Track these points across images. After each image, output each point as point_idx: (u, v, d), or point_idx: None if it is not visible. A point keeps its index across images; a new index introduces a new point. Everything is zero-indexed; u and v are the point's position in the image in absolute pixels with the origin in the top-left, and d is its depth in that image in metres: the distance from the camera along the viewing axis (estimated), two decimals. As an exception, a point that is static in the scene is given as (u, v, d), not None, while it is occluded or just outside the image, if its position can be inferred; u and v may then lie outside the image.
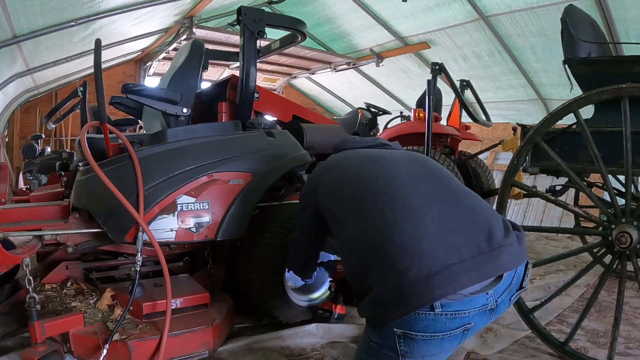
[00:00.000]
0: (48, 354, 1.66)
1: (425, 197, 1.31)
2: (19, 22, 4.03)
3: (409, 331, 1.19)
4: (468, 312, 1.18)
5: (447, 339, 1.21)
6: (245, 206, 2.19)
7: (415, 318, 1.17)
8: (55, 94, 7.87)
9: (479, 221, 1.28)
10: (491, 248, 1.21)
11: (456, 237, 1.22)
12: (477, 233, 1.24)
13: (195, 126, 2.28)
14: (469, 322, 1.20)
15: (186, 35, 5.76)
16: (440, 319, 1.17)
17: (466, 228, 1.25)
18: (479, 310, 1.20)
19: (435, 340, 1.20)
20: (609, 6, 4.66)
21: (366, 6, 6.71)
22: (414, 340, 1.20)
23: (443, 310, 1.16)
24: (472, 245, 1.21)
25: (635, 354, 2.10)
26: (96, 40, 1.96)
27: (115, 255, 2.31)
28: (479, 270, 1.19)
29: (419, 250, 1.19)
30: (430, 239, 1.21)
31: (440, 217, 1.26)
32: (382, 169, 1.44)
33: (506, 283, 1.25)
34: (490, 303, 1.22)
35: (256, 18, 2.28)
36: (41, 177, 4.12)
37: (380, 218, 1.28)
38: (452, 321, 1.18)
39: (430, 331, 1.18)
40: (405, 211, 1.27)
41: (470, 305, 1.19)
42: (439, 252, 1.18)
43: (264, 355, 1.99)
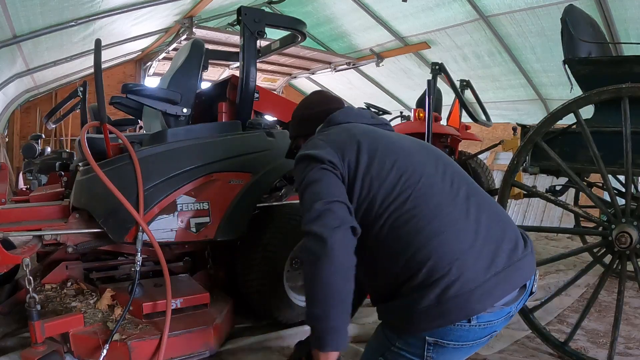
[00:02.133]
0: (48, 354, 1.66)
1: (464, 202, 1.28)
2: (19, 22, 4.03)
3: (442, 340, 1.21)
4: (497, 321, 1.23)
5: (475, 346, 1.25)
6: (245, 206, 2.19)
7: (451, 329, 1.19)
8: (55, 94, 7.88)
9: (507, 230, 1.28)
10: (518, 258, 1.23)
11: (491, 247, 1.22)
12: (506, 242, 1.25)
13: (195, 126, 2.28)
14: (496, 330, 1.25)
15: (186, 35, 5.77)
16: (474, 329, 1.20)
17: (498, 237, 1.25)
18: (504, 318, 1.25)
19: (465, 348, 1.24)
20: (609, 6, 4.67)
21: (366, 6, 6.71)
22: (445, 348, 1.22)
23: (478, 321, 1.19)
24: (504, 255, 1.22)
25: (635, 354, 2.10)
26: (96, 40, 1.96)
27: (115, 255, 2.31)
28: (510, 282, 1.22)
29: (464, 263, 1.18)
30: (472, 250, 1.20)
31: (477, 226, 1.24)
32: (408, 163, 1.31)
33: (528, 291, 1.29)
34: (513, 311, 1.27)
35: (256, 18, 2.28)
36: (41, 177, 4.12)
37: (424, 225, 1.22)
38: (483, 330, 1.22)
39: (463, 340, 1.22)
40: (449, 221, 1.24)
41: (500, 315, 1.23)
42: (479, 264, 1.19)
43: (264, 355, 1.99)
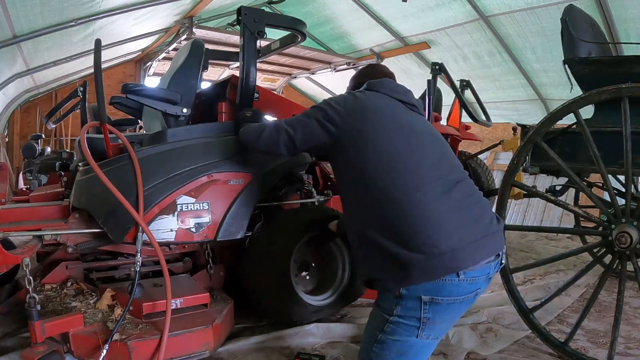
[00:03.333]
0: (48, 354, 1.66)
1: (451, 183, 1.49)
2: (19, 22, 4.03)
3: (437, 296, 1.37)
4: (480, 279, 1.42)
5: (464, 302, 1.42)
6: (245, 206, 2.19)
7: (442, 285, 1.36)
8: (55, 94, 7.88)
9: (486, 210, 1.51)
10: (492, 231, 1.45)
11: (472, 220, 1.44)
12: (484, 218, 1.47)
13: (195, 126, 2.28)
14: (479, 287, 1.43)
15: (186, 35, 5.76)
16: (462, 284, 1.38)
17: (478, 213, 1.47)
18: (485, 278, 1.44)
19: (456, 303, 1.40)
20: (609, 6, 4.67)
21: (366, 6, 6.71)
22: (439, 305, 1.38)
23: (465, 276, 1.38)
24: (482, 227, 1.44)
25: (635, 354, 2.10)
26: (96, 40, 1.96)
27: (115, 255, 2.30)
28: (487, 248, 1.42)
29: (446, 229, 1.38)
30: (453, 220, 1.40)
31: (460, 203, 1.45)
32: (415, 144, 1.53)
33: (498, 260, 1.50)
34: (491, 273, 1.47)
35: (256, 18, 2.28)
36: (41, 177, 4.12)
37: (413, 195, 1.43)
38: (470, 286, 1.40)
39: (455, 295, 1.38)
40: (437, 192, 1.45)
41: (482, 273, 1.42)
42: (461, 231, 1.39)
43: (264, 355, 1.99)
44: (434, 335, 1.43)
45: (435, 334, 1.43)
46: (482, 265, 1.41)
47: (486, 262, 1.42)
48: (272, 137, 1.74)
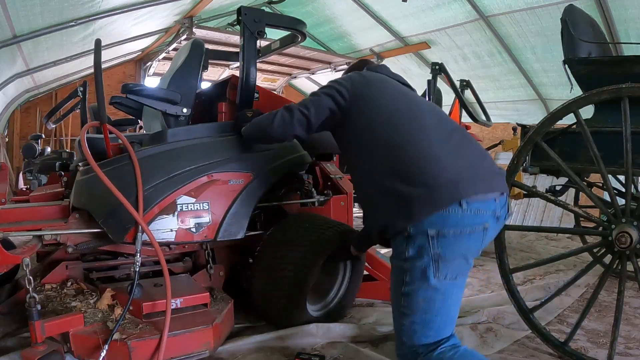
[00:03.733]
0: (48, 354, 1.66)
1: (452, 132, 1.60)
2: (19, 22, 4.03)
3: (443, 229, 1.41)
4: (485, 212, 1.46)
5: (473, 235, 1.45)
6: (245, 206, 2.19)
7: (446, 216, 1.40)
8: (55, 94, 7.88)
9: (485, 155, 1.60)
10: (494, 171, 1.54)
11: (472, 158, 1.54)
12: (485, 160, 1.56)
13: (195, 126, 2.28)
14: (487, 221, 1.47)
15: (186, 35, 5.77)
16: (466, 215, 1.42)
17: (478, 155, 1.57)
18: (492, 213, 1.48)
19: (464, 236, 1.43)
20: (609, 6, 4.67)
21: (366, 6, 6.72)
22: (446, 238, 1.41)
23: (468, 207, 1.42)
24: (483, 166, 1.53)
25: (635, 354, 2.10)
26: (96, 40, 1.96)
27: (115, 255, 2.30)
28: (489, 182, 1.50)
29: (446, 163, 1.47)
30: (453, 156, 1.50)
31: (460, 149, 1.55)
32: (416, 108, 1.67)
33: (504, 201, 1.55)
34: (497, 210, 1.51)
35: (256, 18, 2.28)
36: (41, 177, 4.12)
37: (413, 136, 1.54)
38: (475, 217, 1.44)
39: (460, 226, 1.42)
40: (437, 136, 1.56)
41: (486, 207, 1.46)
42: (460, 164, 1.48)
43: (264, 355, 1.99)
44: (452, 275, 1.44)
45: (452, 273, 1.44)
46: (486, 199, 1.46)
47: (490, 196, 1.47)
48: (286, 118, 1.81)
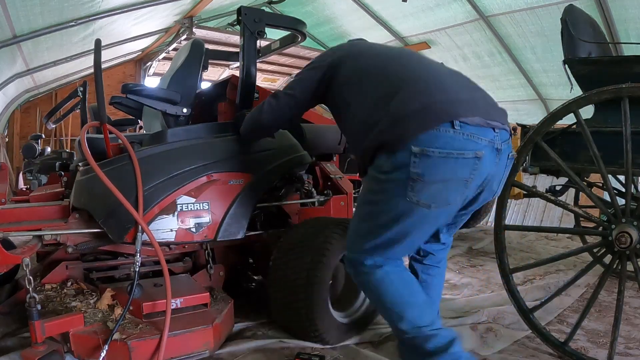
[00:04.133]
0: (48, 354, 1.66)
1: (444, 68, 1.60)
2: (19, 22, 4.03)
3: (428, 147, 1.32)
4: (480, 139, 1.35)
5: (460, 161, 1.33)
6: (245, 206, 2.19)
7: (436, 134, 1.32)
8: (55, 94, 7.89)
9: (486, 93, 1.56)
10: (493, 103, 1.51)
11: (471, 89, 1.50)
12: (485, 94, 1.53)
13: (195, 126, 2.28)
14: (480, 149, 1.35)
15: (186, 35, 5.78)
16: (458, 137, 1.32)
17: (477, 89, 1.53)
18: (488, 142, 1.38)
19: (450, 160, 1.32)
20: (609, 6, 4.68)
21: (366, 6, 6.72)
22: (430, 159, 1.32)
23: (461, 129, 1.32)
24: (482, 97, 1.50)
25: (635, 354, 2.10)
26: (96, 40, 1.96)
27: (115, 255, 2.30)
28: (488, 110, 1.42)
29: (443, 84, 1.43)
30: (451, 81, 1.48)
31: (458, 78, 1.54)
32: (404, 51, 1.75)
33: (506, 135, 1.47)
34: (496, 141, 1.41)
35: (256, 18, 2.28)
36: (41, 177, 4.12)
37: (407, 65, 1.53)
38: (467, 142, 1.33)
39: (448, 147, 1.32)
40: (432, 66, 1.56)
41: (482, 133, 1.36)
42: (457, 88, 1.45)
43: (264, 355, 1.99)
44: (425, 201, 1.35)
45: (427, 198, 1.35)
46: (483, 125, 1.37)
47: (487, 124, 1.38)
48: (272, 104, 1.83)
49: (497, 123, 1.42)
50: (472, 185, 1.41)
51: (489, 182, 1.48)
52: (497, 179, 1.51)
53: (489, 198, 1.57)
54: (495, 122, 1.41)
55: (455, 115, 1.33)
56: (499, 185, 1.55)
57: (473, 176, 1.37)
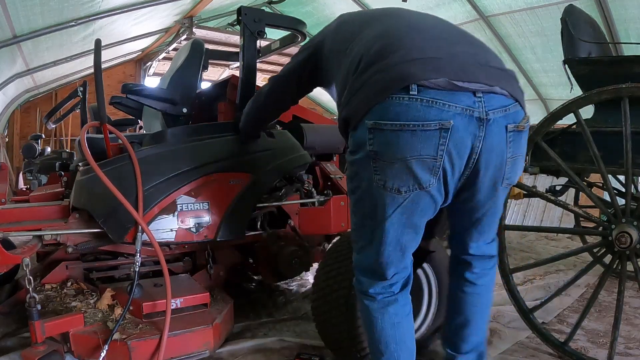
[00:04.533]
0: (48, 354, 1.66)
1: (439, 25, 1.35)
2: (19, 22, 4.03)
3: (380, 120, 1.11)
4: (448, 106, 1.09)
5: (419, 134, 1.08)
6: (245, 206, 2.19)
7: (388, 104, 1.11)
8: (55, 94, 7.89)
9: (487, 50, 1.28)
10: (487, 64, 1.19)
11: (457, 46, 1.21)
12: (476, 55, 1.21)
13: (195, 126, 2.28)
14: (448, 119, 1.08)
15: (186, 35, 5.78)
16: (414, 104, 1.08)
17: (462, 47, 1.22)
18: (462, 110, 1.10)
19: (405, 133, 1.09)
20: (609, 6, 4.68)
21: (366, 6, 6.72)
22: (383, 133, 1.12)
23: (419, 95, 1.08)
24: (470, 54, 1.19)
25: (635, 354, 2.10)
26: (96, 40, 1.96)
27: (115, 255, 2.31)
28: (471, 72, 1.13)
29: (410, 43, 1.18)
30: (424, 39, 1.20)
31: (446, 35, 1.26)
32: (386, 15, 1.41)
33: (501, 101, 1.16)
34: (477, 108, 1.11)
35: (256, 18, 2.28)
36: (41, 177, 4.12)
37: (386, 26, 1.29)
38: (427, 110, 1.08)
39: (402, 119, 1.09)
40: (416, 24, 1.30)
41: (451, 99, 1.09)
42: (430, 45, 1.17)
43: (264, 355, 1.99)
44: (390, 184, 1.15)
45: (392, 182, 1.15)
46: (454, 89, 1.09)
47: (464, 86, 1.10)
48: (264, 89, 1.84)
49: (480, 85, 1.12)
50: (448, 165, 1.15)
51: (485, 162, 1.19)
52: (496, 158, 1.20)
53: (498, 182, 1.26)
54: (476, 83, 1.12)
55: (411, 77, 1.09)
56: (505, 165, 1.23)
57: (442, 152, 1.12)
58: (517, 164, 1.27)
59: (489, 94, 1.14)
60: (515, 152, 1.24)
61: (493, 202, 1.33)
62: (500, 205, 1.39)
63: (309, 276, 3.12)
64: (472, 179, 1.23)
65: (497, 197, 1.32)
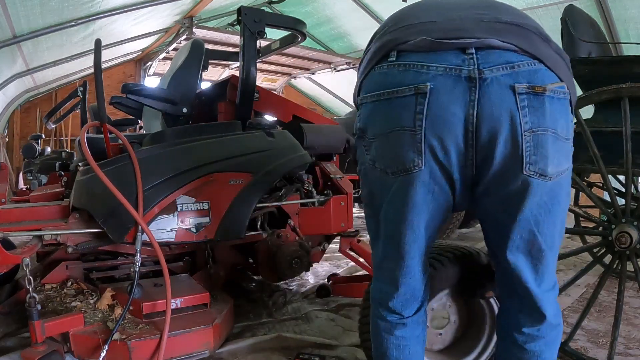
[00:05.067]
0: (48, 354, 1.66)
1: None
2: (19, 22, 4.03)
3: (366, 94, 1.04)
4: (426, 67, 0.94)
5: (394, 103, 0.96)
6: (245, 206, 2.19)
7: (370, 76, 1.04)
8: (55, 94, 7.89)
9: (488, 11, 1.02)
10: (496, 20, 0.98)
11: (468, 10, 1.02)
12: (482, 15, 0.99)
13: (195, 126, 2.28)
14: (424, 81, 0.93)
15: (186, 35, 5.78)
16: (392, 71, 0.98)
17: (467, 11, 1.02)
18: (445, 70, 0.93)
19: (382, 103, 0.99)
20: (609, 6, 4.68)
21: (366, 6, 6.72)
22: (365, 107, 1.04)
23: (397, 60, 0.98)
24: (477, 15, 1.00)
25: (635, 354, 2.10)
26: (96, 40, 1.96)
27: (115, 255, 2.31)
28: (464, 27, 0.95)
29: (417, 14, 1.05)
30: (438, 9, 1.05)
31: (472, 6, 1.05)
32: None
33: (505, 57, 0.93)
34: (465, 66, 0.92)
35: (256, 18, 2.28)
36: (41, 177, 4.13)
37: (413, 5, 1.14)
38: (403, 75, 0.96)
39: (380, 88, 0.99)
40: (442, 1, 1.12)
41: (432, 59, 0.94)
42: (436, 13, 1.03)
43: (264, 355, 1.99)
44: (380, 165, 1.03)
45: (379, 162, 1.03)
46: (437, 48, 0.94)
47: (444, 45, 0.94)
48: None
49: (472, 40, 0.93)
50: (434, 140, 0.95)
51: (488, 136, 0.94)
52: (503, 129, 0.93)
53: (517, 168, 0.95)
54: (467, 39, 0.93)
55: (391, 43, 0.99)
56: (521, 140, 0.93)
57: (421, 122, 0.94)
58: (543, 142, 0.93)
59: (484, 50, 0.93)
60: (537, 123, 0.93)
61: (523, 205, 0.98)
62: (543, 216, 0.99)
63: (309, 276, 3.12)
64: (480, 163, 0.98)
65: (524, 196, 0.97)
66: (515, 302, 1.11)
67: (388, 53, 0.99)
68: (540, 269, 1.05)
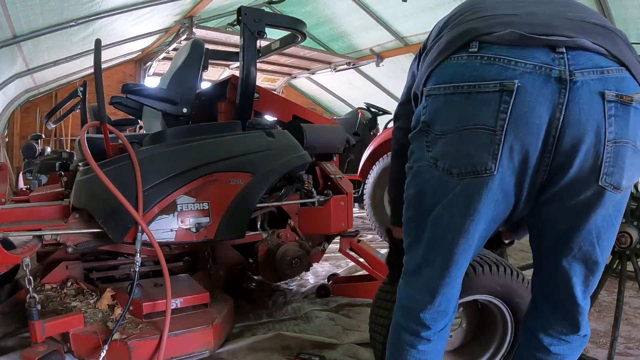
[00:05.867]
0: (48, 354, 1.66)
1: None
2: (19, 22, 4.03)
3: (436, 85, 0.95)
4: (514, 63, 0.87)
5: (474, 98, 0.89)
6: (245, 206, 2.19)
7: (445, 66, 0.95)
8: (55, 94, 7.89)
9: (574, 10, 0.97)
10: (583, 20, 0.93)
11: (546, 5, 0.99)
12: (570, 12, 0.95)
13: (195, 126, 2.28)
14: (511, 78, 0.86)
15: (186, 35, 5.77)
16: (473, 63, 0.90)
17: (552, 7, 0.98)
18: (534, 68, 0.86)
19: (458, 97, 0.91)
20: (609, 6, 4.67)
21: (366, 6, 6.72)
22: (437, 99, 0.95)
23: (479, 52, 0.90)
24: (560, 12, 0.94)
25: (635, 354, 2.10)
26: (96, 40, 1.96)
27: (115, 255, 2.31)
28: (549, 25, 0.89)
29: (492, 5, 1.01)
30: (513, 3, 1.00)
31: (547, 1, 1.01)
32: None
33: (595, 60, 0.87)
34: (557, 66, 0.86)
35: (256, 18, 2.28)
36: (41, 177, 4.12)
37: None
38: (487, 68, 0.88)
39: (456, 80, 0.91)
40: None
41: (520, 55, 0.87)
42: (512, 5, 0.98)
43: (264, 355, 1.99)
44: (442, 164, 0.95)
45: (442, 161, 0.95)
46: (525, 44, 0.87)
47: (533, 42, 0.87)
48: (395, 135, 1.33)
49: (563, 38, 0.87)
50: (516, 143, 0.88)
51: (571, 142, 0.88)
52: (588, 137, 0.87)
53: (593, 178, 0.90)
54: (558, 36, 0.87)
55: (472, 32, 0.92)
56: (603, 149, 0.88)
57: (504, 123, 0.87)
58: (622, 154, 0.89)
59: (575, 50, 0.87)
60: (620, 134, 0.88)
61: (589, 215, 0.95)
62: (606, 228, 0.97)
63: (309, 276, 3.12)
64: (555, 170, 0.92)
65: (594, 207, 0.93)
66: (552, 306, 1.10)
67: (468, 43, 0.92)
68: (591, 281, 1.05)
